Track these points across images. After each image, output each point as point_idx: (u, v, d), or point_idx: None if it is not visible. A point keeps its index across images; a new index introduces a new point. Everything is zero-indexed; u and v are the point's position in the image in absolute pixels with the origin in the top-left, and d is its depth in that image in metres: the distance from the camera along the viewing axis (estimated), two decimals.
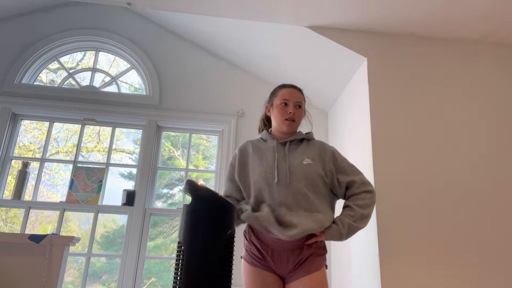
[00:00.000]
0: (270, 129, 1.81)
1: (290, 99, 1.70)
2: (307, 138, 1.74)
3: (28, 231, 2.91)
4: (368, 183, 1.65)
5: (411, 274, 2.03)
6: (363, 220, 1.57)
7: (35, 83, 3.29)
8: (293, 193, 1.56)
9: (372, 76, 2.43)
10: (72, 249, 2.77)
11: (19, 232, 2.83)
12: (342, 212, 1.61)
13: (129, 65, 3.46)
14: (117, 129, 3.29)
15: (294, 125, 1.70)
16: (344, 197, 1.66)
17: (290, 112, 1.67)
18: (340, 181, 1.64)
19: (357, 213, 1.57)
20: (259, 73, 3.40)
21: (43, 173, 3.08)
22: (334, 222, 1.57)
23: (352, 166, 1.69)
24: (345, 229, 1.54)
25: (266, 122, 1.88)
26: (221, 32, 3.09)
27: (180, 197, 3.24)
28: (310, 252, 1.54)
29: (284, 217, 1.52)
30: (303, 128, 1.80)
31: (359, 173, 1.67)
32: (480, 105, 2.44)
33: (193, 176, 3.29)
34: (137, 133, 3.31)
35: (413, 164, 2.26)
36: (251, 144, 1.77)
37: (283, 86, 1.78)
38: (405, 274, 2.03)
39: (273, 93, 1.78)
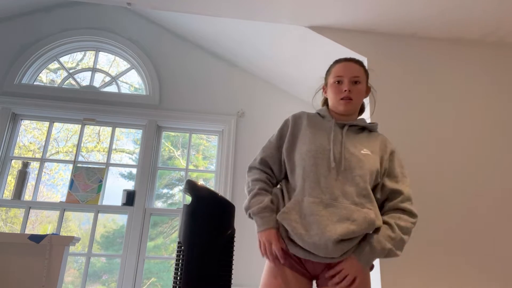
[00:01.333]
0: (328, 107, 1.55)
1: (345, 75, 1.44)
2: (369, 128, 1.50)
3: (28, 231, 2.91)
4: (412, 205, 1.38)
5: (411, 274, 2.03)
6: (401, 247, 1.33)
7: (35, 83, 3.29)
8: (345, 182, 1.31)
9: (372, 76, 2.42)
10: (72, 249, 2.77)
11: (19, 232, 2.84)
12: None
13: (129, 65, 3.46)
14: (117, 129, 3.29)
15: (352, 105, 1.44)
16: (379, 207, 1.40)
17: (345, 90, 1.41)
18: (385, 185, 1.39)
19: (398, 235, 1.31)
20: (259, 73, 3.40)
21: (43, 173, 3.08)
22: (368, 241, 1.30)
23: (406, 176, 1.44)
24: (381, 254, 1.29)
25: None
26: (221, 32, 3.09)
27: (180, 197, 3.24)
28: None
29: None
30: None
31: (408, 185, 1.42)
32: (480, 105, 2.44)
33: (193, 176, 3.29)
34: (137, 133, 3.32)
35: (413, 164, 2.26)
36: (307, 116, 1.50)
37: (337, 61, 1.52)
38: (405, 274, 2.03)
39: (328, 72, 1.55)
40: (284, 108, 3.34)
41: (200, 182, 1.70)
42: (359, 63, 1.50)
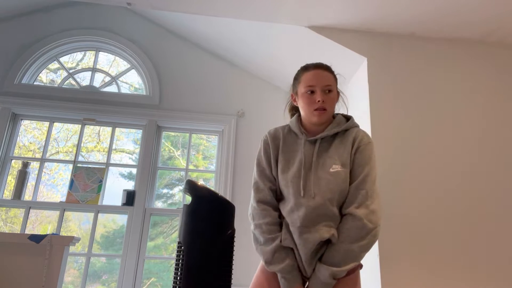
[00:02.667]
0: (300, 117, 1.50)
1: (317, 84, 1.39)
2: (344, 129, 1.43)
3: (28, 231, 2.91)
4: (373, 210, 1.30)
5: (411, 274, 2.03)
6: (353, 257, 1.29)
7: (35, 83, 3.29)
8: (316, 207, 1.31)
9: (372, 76, 2.43)
10: (72, 249, 2.77)
11: (19, 232, 2.84)
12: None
13: (129, 65, 3.47)
14: (117, 129, 3.29)
15: (326, 115, 1.39)
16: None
17: (319, 101, 1.37)
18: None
19: (339, 251, 1.29)
20: (259, 73, 3.40)
21: (43, 173, 3.08)
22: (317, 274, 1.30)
23: (367, 173, 1.36)
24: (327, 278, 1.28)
25: (294, 111, 1.57)
26: (221, 32, 3.09)
27: (180, 197, 3.24)
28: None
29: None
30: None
31: (373, 183, 1.35)
32: (480, 105, 2.44)
33: (193, 176, 3.29)
34: (137, 133, 3.32)
35: (413, 164, 2.26)
36: (281, 135, 1.47)
37: (306, 68, 1.46)
38: (405, 274, 2.03)
39: (296, 79, 1.48)
40: (284, 108, 3.34)
41: (200, 182, 1.69)
42: (329, 69, 1.46)
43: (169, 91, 3.32)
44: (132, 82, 3.46)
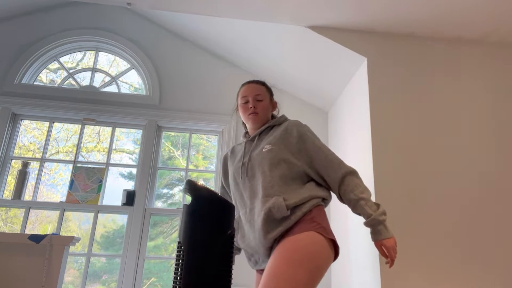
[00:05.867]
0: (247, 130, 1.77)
1: (249, 95, 1.65)
2: (276, 124, 1.65)
3: (28, 231, 2.91)
4: (346, 164, 1.52)
5: (411, 273, 2.03)
6: (371, 203, 1.45)
7: (35, 83, 3.29)
8: (255, 185, 1.50)
9: (372, 76, 2.43)
10: (72, 249, 2.77)
11: (19, 232, 2.84)
12: (355, 209, 1.47)
13: (129, 65, 3.47)
14: (117, 129, 3.29)
15: (259, 118, 1.64)
16: (328, 188, 1.55)
17: (251, 107, 1.63)
18: (315, 168, 1.53)
19: (370, 199, 1.46)
20: (259, 73, 3.40)
21: (43, 173, 3.08)
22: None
23: (321, 146, 1.54)
24: (382, 227, 1.41)
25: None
26: (221, 32, 3.09)
27: (180, 197, 3.24)
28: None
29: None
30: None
31: (328, 153, 1.53)
32: (480, 105, 2.44)
33: (193, 176, 3.29)
34: (137, 133, 3.32)
35: (413, 164, 2.26)
36: (230, 149, 1.76)
37: (243, 84, 1.74)
38: (405, 273, 2.03)
39: (237, 95, 1.74)
40: (284, 108, 3.34)
41: (200, 182, 1.74)
42: (261, 83, 1.72)
43: (169, 91, 3.32)
44: (132, 82, 3.46)
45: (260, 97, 1.66)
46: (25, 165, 2.96)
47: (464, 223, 2.17)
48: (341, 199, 1.52)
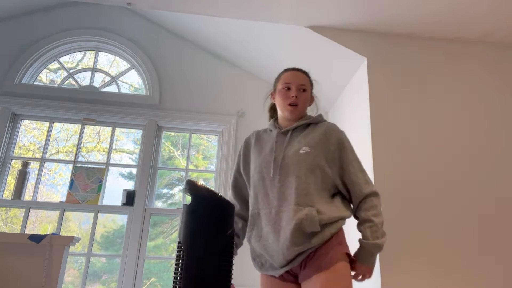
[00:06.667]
0: (276, 118, 1.64)
1: (293, 82, 1.54)
2: (314, 122, 1.55)
3: (28, 231, 2.91)
4: (370, 184, 1.48)
5: (411, 273, 2.03)
6: (382, 232, 1.41)
7: (35, 83, 3.29)
8: (286, 186, 1.41)
9: (372, 76, 2.43)
10: (72, 249, 2.77)
11: (19, 232, 2.84)
12: (359, 227, 1.44)
13: (129, 65, 3.46)
14: (117, 129, 3.29)
15: (298, 111, 1.53)
16: (350, 201, 1.50)
17: (293, 96, 1.51)
18: (343, 178, 1.47)
19: (378, 226, 1.40)
20: (259, 73, 3.40)
21: (43, 173, 3.08)
22: (360, 244, 1.41)
23: (358, 159, 1.50)
24: (374, 250, 1.39)
25: (274, 112, 1.70)
26: (221, 32, 3.09)
27: (180, 197, 3.24)
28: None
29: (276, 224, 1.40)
30: None
31: (362, 169, 1.49)
32: (480, 105, 2.44)
33: (193, 176, 3.29)
34: (137, 133, 3.32)
35: (413, 164, 2.26)
36: (255, 135, 1.62)
37: (286, 69, 1.62)
38: (405, 273, 2.03)
39: (277, 79, 1.63)
40: None
41: (200, 182, 1.72)
42: (306, 73, 1.61)
43: (169, 91, 3.32)
44: (132, 82, 3.46)
45: (304, 87, 1.55)
46: (25, 165, 2.96)
47: (464, 221, 2.17)
48: (354, 214, 1.50)
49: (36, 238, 2.14)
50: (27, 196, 2.96)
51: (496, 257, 2.12)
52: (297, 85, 1.54)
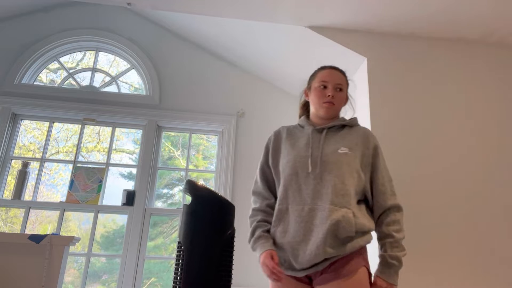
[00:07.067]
0: (308, 115, 1.63)
1: (330, 81, 1.51)
2: (349, 125, 1.54)
3: (28, 231, 2.91)
4: (396, 197, 1.47)
5: (412, 273, 2.03)
6: (402, 246, 1.39)
7: (35, 83, 3.29)
8: (323, 185, 1.37)
9: (372, 76, 2.43)
10: (72, 249, 2.77)
11: (19, 232, 2.83)
12: (380, 242, 1.40)
13: (129, 65, 3.46)
14: (117, 129, 3.29)
15: (333, 110, 1.51)
16: (371, 209, 1.47)
17: (329, 95, 1.49)
18: (372, 184, 1.46)
19: (398, 241, 1.38)
20: (259, 73, 3.40)
21: (43, 173, 3.08)
22: (380, 260, 1.37)
23: (387, 169, 1.50)
24: (393, 269, 1.35)
25: (305, 110, 1.68)
26: (221, 32, 3.09)
27: (180, 197, 3.24)
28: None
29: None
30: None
31: (391, 179, 1.49)
32: (480, 105, 2.44)
33: (193, 176, 3.29)
34: (137, 133, 3.32)
35: (414, 164, 2.26)
36: (286, 129, 1.58)
37: (323, 67, 1.59)
38: (405, 273, 2.02)
39: (312, 76, 1.61)
40: (284, 108, 3.34)
41: (200, 182, 1.70)
42: (343, 72, 1.59)
43: (169, 91, 3.32)
44: (132, 82, 3.46)
45: (340, 86, 1.52)
46: (25, 165, 2.96)
47: (465, 222, 2.16)
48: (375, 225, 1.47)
49: (36, 238, 2.14)
50: (27, 196, 2.96)
51: (500, 259, 2.11)
52: (334, 84, 1.52)
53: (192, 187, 1.37)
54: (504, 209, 2.22)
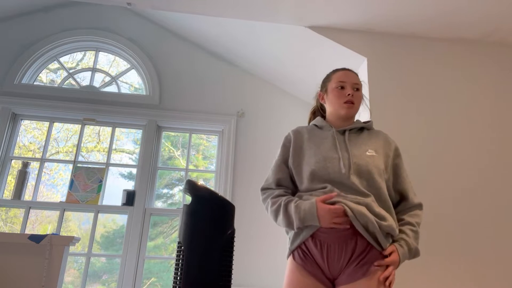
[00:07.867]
0: (325, 115, 1.63)
1: (347, 81, 1.53)
2: (367, 128, 1.57)
3: (28, 231, 2.91)
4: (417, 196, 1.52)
5: (412, 273, 2.03)
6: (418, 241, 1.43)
7: (35, 83, 3.29)
8: (352, 185, 1.38)
9: (372, 76, 2.43)
10: (72, 249, 2.77)
11: (19, 232, 2.84)
12: (401, 227, 1.43)
13: (129, 65, 3.47)
14: (117, 129, 3.29)
15: (354, 109, 1.53)
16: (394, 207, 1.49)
17: (349, 94, 1.50)
18: (397, 184, 1.50)
19: (418, 232, 1.43)
20: (259, 73, 3.40)
21: (43, 173, 3.08)
22: (396, 241, 1.39)
23: (406, 169, 1.55)
24: (411, 251, 1.39)
25: (320, 111, 1.68)
26: (221, 32, 3.09)
27: (180, 197, 3.24)
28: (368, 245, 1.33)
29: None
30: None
31: (410, 181, 1.54)
32: (480, 105, 2.44)
33: (193, 176, 3.29)
34: (137, 133, 3.32)
35: (414, 164, 2.26)
36: (306, 129, 1.57)
37: (337, 70, 1.61)
38: (405, 273, 2.02)
39: (326, 78, 1.63)
40: (284, 108, 3.34)
41: (200, 182, 1.70)
42: (356, 73, 1.61)
43: (169, 91, 3.32)
44: (132, 82, 3.46)
45: (357, 86, 1.55)
46: (25, 165, 2.96)
47: (465, 222, 2.16)
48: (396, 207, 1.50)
49: (36, 238, 2.14)
50: (27, 196, 2.96)
51: (500, 259, 2.11)
52: (352, 84, 1.54)
53: (192, 187, 1.37)
54: (504, 209, 2.22)
